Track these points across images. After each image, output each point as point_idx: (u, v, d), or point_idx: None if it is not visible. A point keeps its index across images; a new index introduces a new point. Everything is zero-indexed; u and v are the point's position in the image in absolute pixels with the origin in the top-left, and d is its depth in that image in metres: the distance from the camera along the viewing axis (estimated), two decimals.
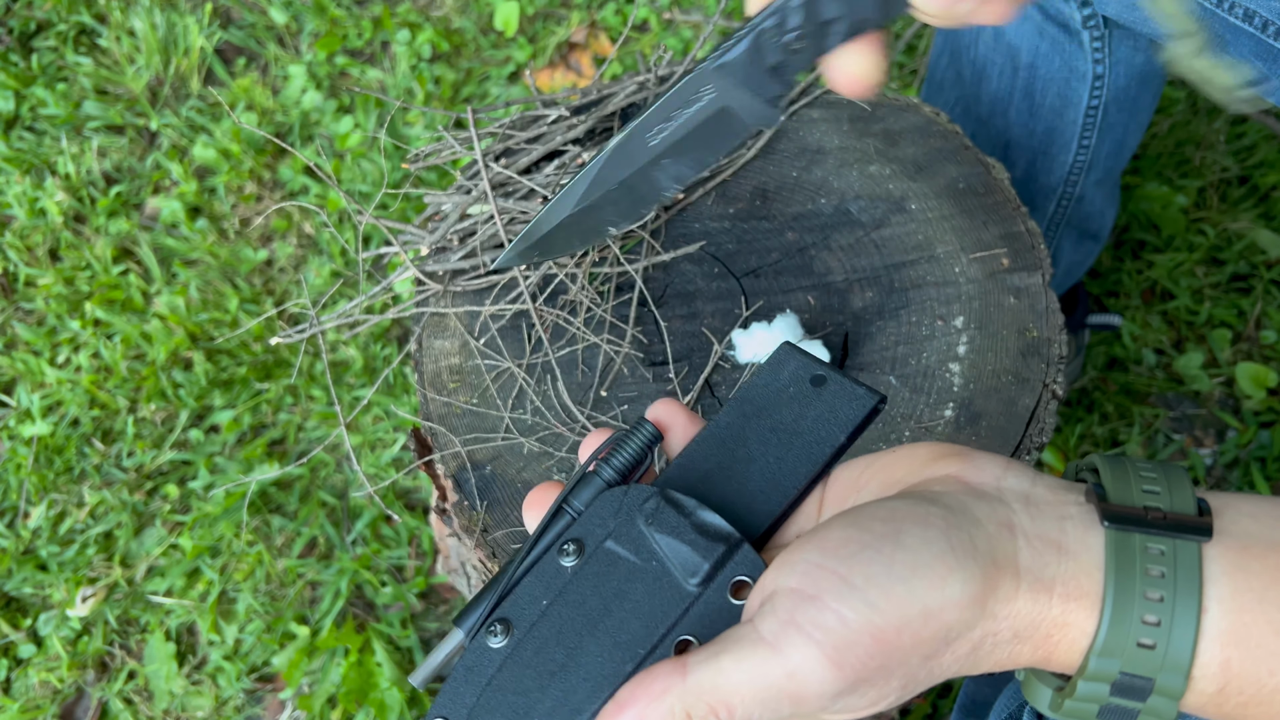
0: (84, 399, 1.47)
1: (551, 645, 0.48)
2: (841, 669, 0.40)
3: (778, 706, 0.41)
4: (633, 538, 0.49)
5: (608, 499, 0.50)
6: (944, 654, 0.42)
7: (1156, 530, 0.43)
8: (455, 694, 0.49)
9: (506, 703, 0.48)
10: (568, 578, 0.49)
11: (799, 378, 0.53)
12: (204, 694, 1.27)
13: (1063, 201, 1.15)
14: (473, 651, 0.49)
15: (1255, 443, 1.36)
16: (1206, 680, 0.42)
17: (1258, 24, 0.80)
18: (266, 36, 1.81)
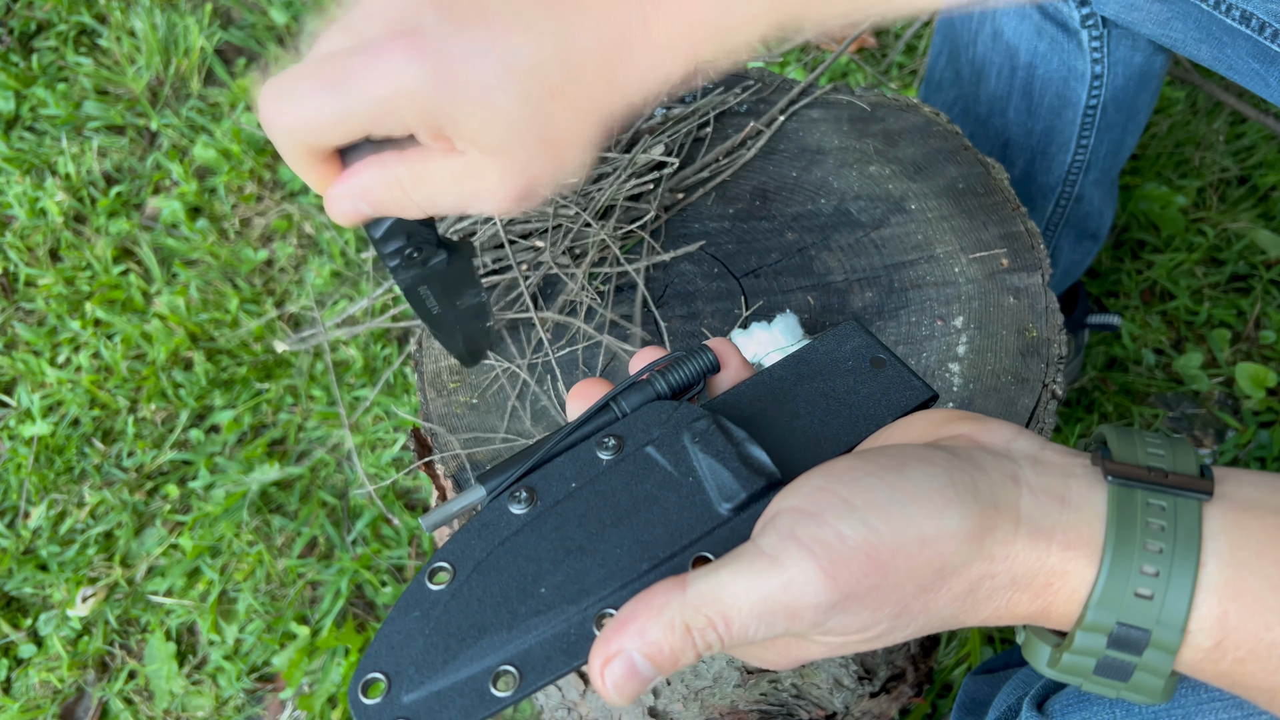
0: (84, 399, 1.47)
1: (573, 525, 0.49)
2: (835, 581, 0.41)
3: (774, 620, 0.42)
4: (675, 450, 0.50)
5: (656, 408, 0.51)
6: (940, 589, 0.43)
7: (1158, 487, 0.44)
8: (465, 545, 0.49)
9: (516, 566, 0.48)
10: (601, 469, 0.50)
11: (860, 355, 0.54)
12: (204, 694, 1.27)
13: (1061, 201, 1.15)
14: (491, 510, 0.49)
15: (1254, 443, 1.36)
16: (1203, 634, 0.43)
17: (1254, 26, 0.80)
18: (267, 37, 1.81)
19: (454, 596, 0.48)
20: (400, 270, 0.66)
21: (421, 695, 0.46)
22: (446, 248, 0.67)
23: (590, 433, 0.51)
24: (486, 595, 0.48)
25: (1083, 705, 0.58)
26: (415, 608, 0.47)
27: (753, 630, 0.42)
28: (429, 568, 0.48)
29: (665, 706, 0.94)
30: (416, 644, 0.47)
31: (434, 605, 0.47)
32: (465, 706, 0.46)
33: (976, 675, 0.95)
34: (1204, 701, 0.52)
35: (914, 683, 1.15)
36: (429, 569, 0.48)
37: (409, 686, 0.46)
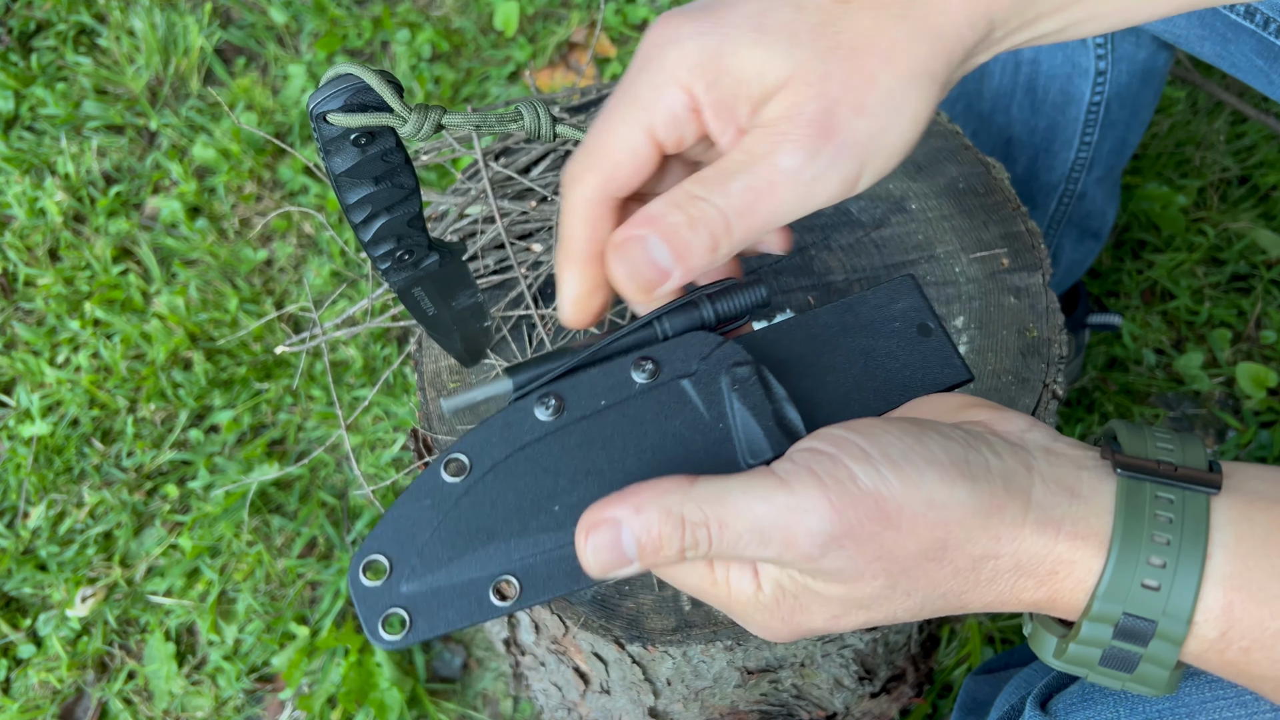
0: (83, 399, 1.46)
1: (595, 446, 0.48)
2: (840, 516, 0.42)
3: (769, 539, 0.42)
4: (711, 391, 0.49)
5: (700, 339, 0.49)
6: (942, 561, 0.43)
7: (1167, 481, 0.44)
8: (486, 441, 0.48)
9: (533, 475, 0.47)
10: (633, 391, 0.49)
11: (909, 317, 0.53)
12: (204, 694, 1.27)
13: (1064, 199, 1.15)
14: (517, 410, 0.48)
15: (1255, 443, 1.36)
16: (1209, 625, 0.43)
17: (1259, 21, 0.80)
18: (266, 36, 1.80)
19: (467, 493, 0.47)
20: (393, 273, 0.66)
21: (420, 588, 0.46)
22: (438, 249, 0.67)
23: (629, 348, 0.49)
24: (499, 499, 0.47)
25: (1087, 704, 0.57)
26: (427, 496, 0.46)
27: (744, 543, 0.43)
28: (446, 457, 0.47)
29: (665, 707, 0.94)
30: (423, 534, 0.46)
31: (446, 498, 0.47)
32: (462, 608, 0.46)
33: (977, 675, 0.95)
34: (1208, 700, 0.52)
35: (914, 683, 1.15)
36: (446, 458, 0.47)
37: (409, 576, 0.46)
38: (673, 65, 0.46)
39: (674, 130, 0.47)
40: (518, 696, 1.25)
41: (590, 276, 0.50)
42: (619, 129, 0.48)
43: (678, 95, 0.46)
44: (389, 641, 0.46)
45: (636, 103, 0.47)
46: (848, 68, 0.45)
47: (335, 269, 1.55)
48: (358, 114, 0.53)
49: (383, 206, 0.60)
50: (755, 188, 0.45)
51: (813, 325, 0.52)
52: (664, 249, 0.46)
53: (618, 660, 0.83)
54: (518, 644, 0.99)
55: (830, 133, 0.44)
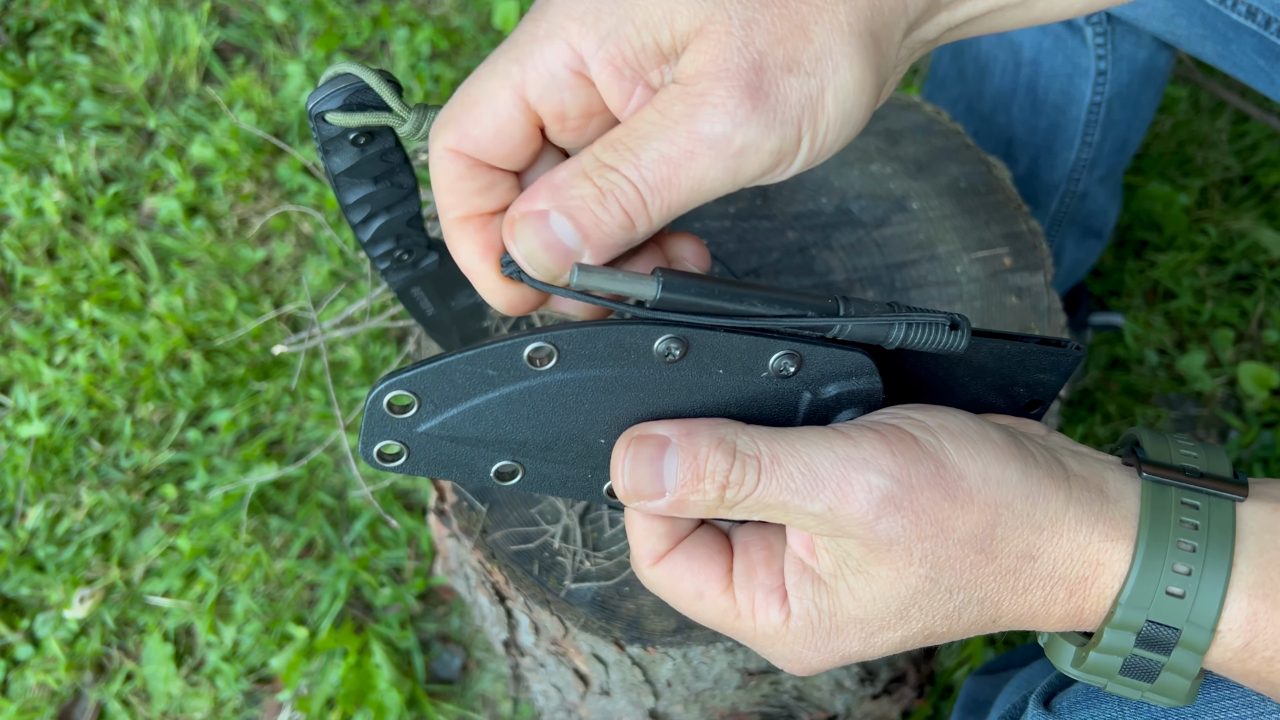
0: (81, 399, 1.46)
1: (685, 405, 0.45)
2: (903, 472, 0.41)
3: (820, 489, 0.41)
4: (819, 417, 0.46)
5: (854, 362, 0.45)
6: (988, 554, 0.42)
7: (1193, 487, 0.44)
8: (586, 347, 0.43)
9: (611, 405, 0.44)
10: (758, 378, 0.45)
11: (1035, 390, 0.51)
12: (202, 695, 1.27)
13: (1066, 199, 1.14)
14: (635, 334, 0.43)
15: (1258, 443, 1.36)
16: (1233, 634, 0.42)
17: (1260, 21, 0.79)
18: (265, 35, 1.80)
19: (536, 385, 0.44)
20: (391, 273, 0.65)
21: (433, 436, 0.44)
22: (438, 249, 0.66)
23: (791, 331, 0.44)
24: (560, 407, 0.44)
25: (1090, 701, 0.57)
26: (494, 367, 0.43)
27: (795, 487, 0.40)
28: (538, 341, 0.42)
29: (665, 708, 0.94)
30: (469, 395, 0.44)
31: (514, 378, 0.43)
32: (460, 470, 0.46)
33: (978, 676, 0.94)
34: (1213, 700, 0.51)
35: (915, 684, 1.15)
36: (536, 342, 0.42)
37: (430, 422, 0.44)
38: (558, 13, 0.39)
39: (551, 93, 0.40)
40: (517, 698, 1.25)
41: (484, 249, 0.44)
42: (486, 81, 0.41)
43: (560, 49, 0.39)
44: (378, 465, 0.45)
45: (509, 53, 0.40)
46: (775, 15, 0.38)
47: (334, 269, 1.55)
48: (356, 113, 0.52)
49: (382, 206, 0.59)
50: (672, 158, 0.38)
51: (964, 352, 0.47)
52: (568, 226, 0.39)
53: (618, 662, 0.83)
54: (517, 645, 0.99)
55: (759, 93, 0.37)
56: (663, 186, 0.39)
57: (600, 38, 0.38)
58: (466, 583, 1.12)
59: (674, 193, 0.39)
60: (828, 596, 0.43)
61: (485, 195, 0.43)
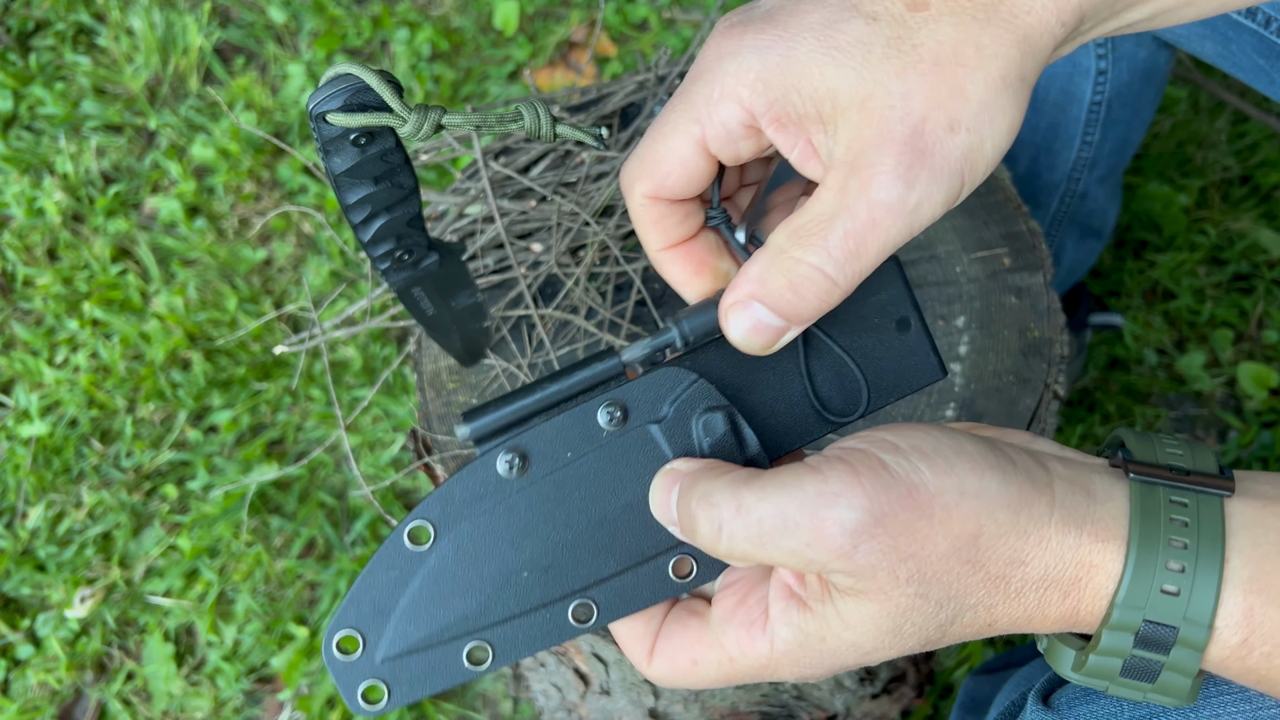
0: (82, 399, 1.46)
1: (565, 505, 0.47)
2: (873, 501, 0.41)
3: (794, 528, 0.41)
4: (680, 437, 0.47)
5: (670, 377, 0.47)
6: (974, 563, 0.42)
7: (1180, 485, 0.44)
8: (449, 505, 0.47)
9: (500, 539, 0.46)
10: (601, 440, 0.47)
11: (889, 310, 0.51)
12: (203, 695, 1.27)
13: (1066, 198, 1.14)
14: (479, 469, 0.47)
15: (1257, 443, 1.36)
16: (1230, 630, 0.42)
17: (1260, 20, 0.79)
18: (265, 35, 1.80)
19: (434, 561, 0.46)
20: (392, 273, 0.65)
21: (396, 656, 0.46)
22: (438, 249, 0.66)
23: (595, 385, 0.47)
24: (466, 568, 0.46)
25: (1089, 698, 0.57)
26: (393, 566, 0.46)
27: (768, 529, 0.42)
28: (408, 524, 0.46)
29: (665, 708, 0.94)
30: (392, 604, 0.46)
31: (412, 567, 0.46)
32: (440, 674, 0.46)
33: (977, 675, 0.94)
34: (1211, 695, 0.51)
35: (915, 684, 1.15)
36: (408, 525, 0.46)
37: (384, 646, 0.46)
38: (731, 80, 0.43)
39: (728, 145, 0.45)
40: (517, 698, 1.25)
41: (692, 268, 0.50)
42: (670, 139, 0.46)
43: (733, 111, 0.44)
44: (371, 711, 0.46)
45: (689, 113, 0.45)
46: (932, 83, 0.42)
47: (334, 269, 1.55)
48: (357, 114, 0.52)
49: (382, 206, 0.60)
50: (856, 232, 0.42)
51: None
52: (770, 315, 0.45)
53: (618, 661, 0.83)
54: None
55: (924, 154, 0.42)
56: (851, 260, 0.43)
57: (769, 103, 0.43)
58: None
59: (863, 261, 0.43)
60: (816, 622, 0.44)
61: (683, 225, 0.49)
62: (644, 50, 1.73)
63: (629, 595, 0.47)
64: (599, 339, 0.84)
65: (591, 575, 0.47)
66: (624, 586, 0.47)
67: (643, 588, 0.47)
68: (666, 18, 1.77)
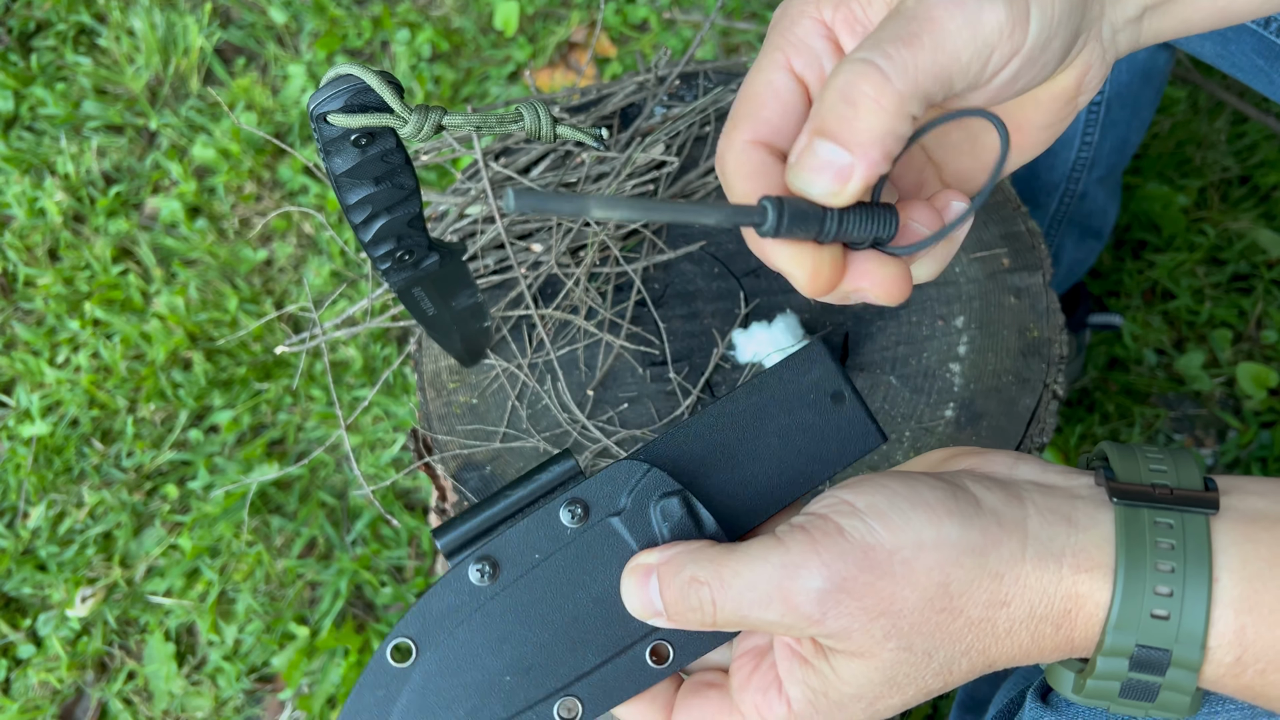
0: (83, 399, 1.46)
1: (536, 605, 0.48)
2: (829, 569, 0.42)
3: (768, 602, 0.42)
4: (640, 526, 0.48)
5: (625, 469, 0.49)
6: (952, 612, 0.43)
7: (1164, 505, 0.44)
8: (426, 620, 0.47)
9: (478, 648, 0.47)
10: (566, 539, 0.48)
11: (822, 386, 0.52)
12: (203, 694, 1.27)
13: (1065, 198, 1.14)
14: (452, 582, 0.48)
15: (1256, 443, 1.36)
16: (1223, 649, 0.42)
17: (1259, 21, 0.80)
18: (266, 36, 1.80)
19: (418, 676, 0.47)
20: (393, 273, 0.65)
21: None
22: (438, 250, 0.66)
23: (553, 488, 0.49)
24: (449, 679, 0.47)
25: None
26: (379, 686, 0.47)
27: (747, 603, 0.43)
28: (390, 643, 0.47)
29: None
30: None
31: (397, 686, 0.47)
32: None
33: None
34: (1209, 698, 0.51)
35: None
36: (390, 644, 0.47)
37: None
38: (800, 1, 0.46)
39: (814, 62, 0.45)
40: None
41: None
42: (760, 74, 0.46)
43: (810, 25, 0.45)
44: None
45: (773, 45, 0.46)
46: None
47: (335, 269, 1.55)
48: (358, 115, 0.53)
49: (383, 207, 0.60)
50: (910, 27, 0.41)
51: (730, 413, 0.51)
52: (828, 145, 0.41)
53: None
54: None
55: None
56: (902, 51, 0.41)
57: (834, 6, 0.45)
58: None
59: (917, 55, 0.41)
60: (817, 677, 0.45)
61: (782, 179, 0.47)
62: (644, 51, 1.74)
63: (611, 687, 0.48)
64: (599, 339, 0.84)
65: (571, 672, 0.48)
66: (605, 679, 0.48)
67: (623, 678, 0.48)
68: (666, 18, 1.77)
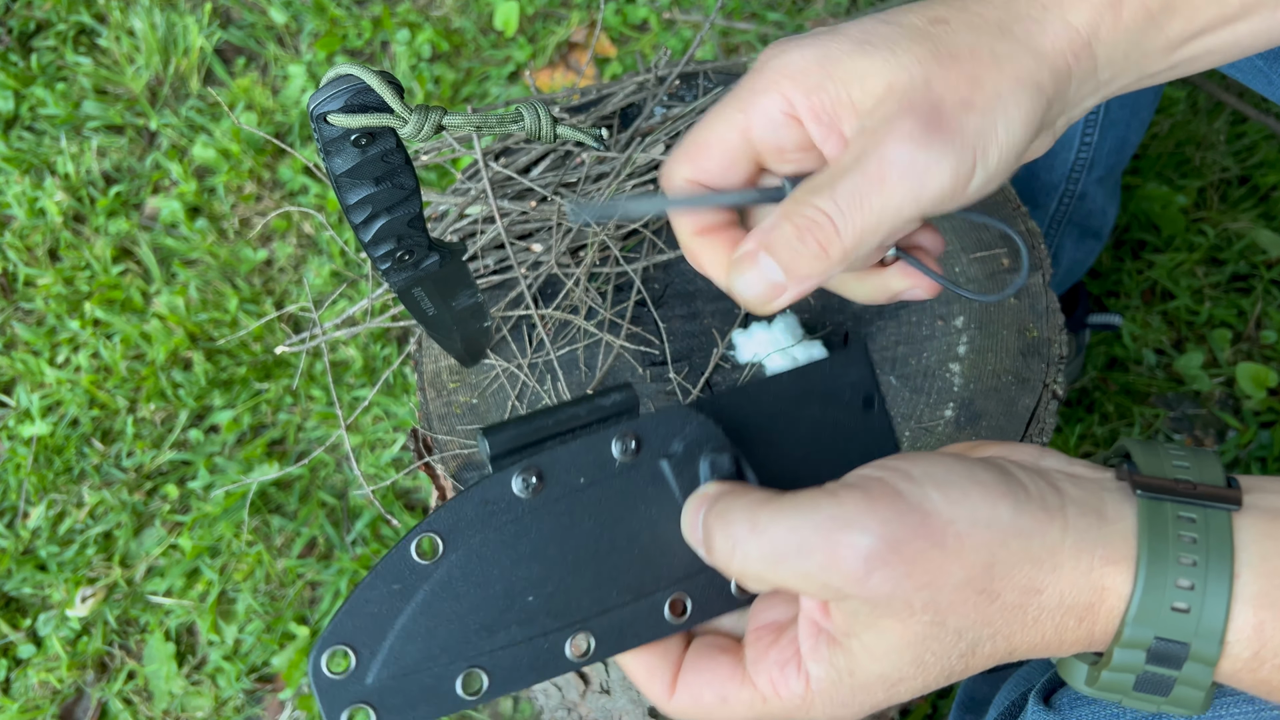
0: (83, 399, 1.46)
1: (572, 531, 0.46)
2: (886, 528, 0.41)
3: (809, 552, 0.41)
4: (688, 473, 0.47)
5: (683, 414, 0.47)
6: (990, 594, 0.42)
7: (1187, 500, 0.44)
8: (460, 519, 0.45)
9: (508, 560, 0.45)
10: (613, 470, 0.46)
11: (857, 388, 0.52)
12: (204, 694, 1.27)
13: (1064, 199, 1.14)
14: (493, 485, 0.45)
15: (1255, 443, 1.36)
16: (1241, 645, 0.42)
17: None
18: (266, 36, 1.80)
19: (438, 577, 0.44)
20: (393, 273, 0.66)
21: (386, 680, 0.44)
22: (438, 250, 0.67)
23: (609, 416, 0.47)
24: (472, 585, 0.45)
25: (1092, 700, 0.57)
26: (396, 579, 0.44)
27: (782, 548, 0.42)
28: (416, 536, 0.44)
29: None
30: (389, 621, 0.44)
31: (417, 581, 0.44)
32: (430, 703, 0.44)
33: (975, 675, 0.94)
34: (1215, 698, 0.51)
35: None
36: (416, 537, 0.44)
37: (374, 667, 0.44)
38: (774, 73, 0.48)
39: (770, 133, 0.49)
40: (517, 697, 1.25)
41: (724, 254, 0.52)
42: (715, 126, 0.50)
43: (775, 100, 0.48)
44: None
45: (735, 104, 0.49)
46: (952, 73, 0.46)
47: (335, 269, 1.55)
48: (358, 115, 0.53)
49: (383, 207, 0.60)
50: (862, 187, 0.45)
51: (775, 391, 0.51)
52: (772, 264, 0.47)
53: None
54: None
55: (938, 124, 0.45)
56: (853, 209, 0.45)
57: (806, 91, 0.48)
58: None
59: (863, 216, 0.46)
60: (844, 656, 0.44)
61: (715, 214, 0.53)
62: (644, 51, 1.74)
63: (625, 631, 0.47)
64: (599, 339, 0.84)
65: (593, 606, 0.46)
66: (621, 622, 0.47)
67: (639, 624, 0.47)
68: (666, 19, 1.77)
